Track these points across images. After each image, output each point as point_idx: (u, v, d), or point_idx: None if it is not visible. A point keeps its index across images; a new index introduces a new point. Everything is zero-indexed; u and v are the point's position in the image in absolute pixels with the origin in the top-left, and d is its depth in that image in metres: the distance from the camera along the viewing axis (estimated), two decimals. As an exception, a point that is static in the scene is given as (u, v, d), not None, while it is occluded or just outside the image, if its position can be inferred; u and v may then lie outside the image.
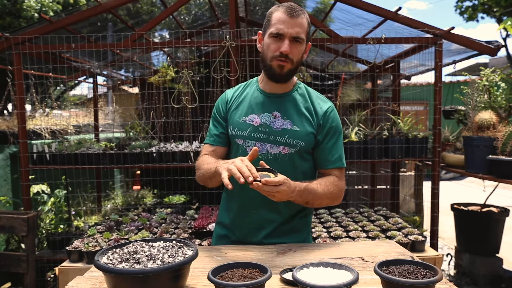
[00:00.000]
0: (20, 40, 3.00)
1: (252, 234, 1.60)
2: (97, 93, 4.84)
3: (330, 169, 1.59)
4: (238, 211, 1.62)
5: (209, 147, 1.64)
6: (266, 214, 1.58)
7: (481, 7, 12.97)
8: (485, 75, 3.28)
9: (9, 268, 2.95)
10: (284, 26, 1.45)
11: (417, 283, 0.98)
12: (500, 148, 2.79)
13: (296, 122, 1.56)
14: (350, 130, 3.22)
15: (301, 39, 1.48)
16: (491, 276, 3.69)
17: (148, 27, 3.19)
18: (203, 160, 1.58)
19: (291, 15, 1.46)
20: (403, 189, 5.34)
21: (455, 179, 10.06)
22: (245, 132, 1.56)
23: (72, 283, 1.22)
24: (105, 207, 4.19)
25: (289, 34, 1.46)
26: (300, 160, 1.57)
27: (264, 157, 1.53)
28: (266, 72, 1.57)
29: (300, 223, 1.66)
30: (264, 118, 1.56)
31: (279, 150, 1.54)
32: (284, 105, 1.58)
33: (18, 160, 3.17)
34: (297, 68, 1.57)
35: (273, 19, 1.49)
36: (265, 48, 1.53)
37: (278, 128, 1.55)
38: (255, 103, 1.60)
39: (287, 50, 1.46)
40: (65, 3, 8.34)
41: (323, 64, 5.58)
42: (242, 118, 1.58)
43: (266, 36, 1.51)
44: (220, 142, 1.63)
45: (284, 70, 1.51)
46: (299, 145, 1.54)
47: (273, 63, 1.50)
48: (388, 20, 3.18)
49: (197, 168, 1.61)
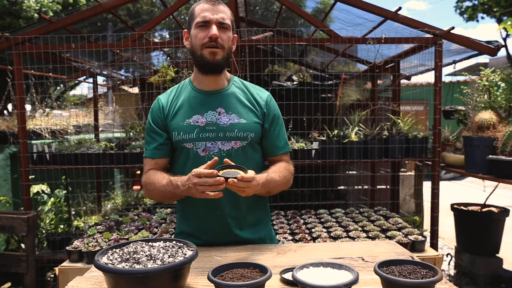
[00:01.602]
0: (20, 40, 3.00)
1: (221, 234, 1.57)
2: (97, 93, 4.85)
3: (280, 155, 1.63)
4: (201, 215, 1.57)
5: (150, 161, 1.58)
6: (230, 212, 1.56)
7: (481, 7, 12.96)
8: (485, 75, 3.28)
9: (9, 268, 2.95)
10: (209, 13, 1.47)
11: (417, 283, 0.98)
12: (500, 148, 2.79)
13: (242, 115, 1.55)
14: (350, 130, 3.22)
15: (227, 24, 1.50)
16: (491, 276, 3.69)
17: (148, 27, 3.19)
18: (151, 178, 1.52)
19: (212, 3, 1.49)
20: (403, 189, 5.34)
21: (455, 179, 10.06)
22: (192, 135, 1.52)
23: (72, 283, 1.22)
24: (105, 207, 4.19)
25: (215, 20, 1.47)
26: (252, 152, 1.57)
27: (217, 155, 1.51)
28: (198, 63, 1.53)
29: (262, 213, 1.68)
30: (209, 116, 1.54)
31: (231, 145, 1.53)
32: (225, 100, 1.57)
33: (18, 160, 3.16)
34: (229, 58, 1.56)
35: (196, 11, 1.50)
36: (193, 40, 1.51)
37: (226, 123, 1.53)
38: (196, 103, 1.56)
39: (216, 34, 1.46)
40: (65, 3, 8.34)
41: (323, 64, 5.58)
42: (186, 121, 1.53)
43: (192, 28, 1.51)
44: (161, 154, 1.57)
45: (216, 57, 1.49)
46: (250, 137, 1.54)
47: (204, 51, 1.48)
48: (388, 20, 3.18)
49: (147, 185, 1.54)
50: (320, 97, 3.90)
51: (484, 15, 13.33)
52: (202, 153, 1.52)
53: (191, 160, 1.53)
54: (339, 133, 3.24)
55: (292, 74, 5.94)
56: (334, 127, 3.48)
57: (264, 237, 1.67)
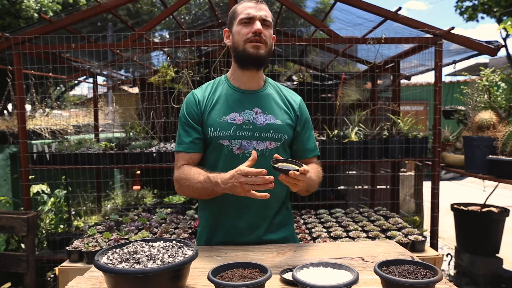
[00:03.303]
0: (20, 40, 3.00)
1: (247, 232, 1.57)
2: (97, 93, 4.85)
3: (310, 158, 1.66)
4: (230, 212, 1.56)
5: (185, 155, 1.55)
6: (260, 211, 1.55)
7: (481, 7, 12.97)
8: (485, 75, 3.28)
9: (9, 268, 2.94)
10: (253, 10, 1.50)
11: (417, 283, 0.98)
12: (500, 148, 2.79)
13: (278, 116, 1.56)
14: (350, 130, 3.22)
15: (269, 22, 1.53)
16: (491, 276, 3.69)
17: (148, 27, 3.19)
18: (186, 174, 1.50)
19: (256, 2, 1.53)
20: (403, 189, 5.34)
21: (455, 179, 10.06)
22: (229, 132, 1.51)
23: (72, 283, 1.22)
24: (105, 207, 4.19)
25: (258, 16, 1.50)
26: (284, 154, 1.58)
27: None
28: (240, 58, 1.53)
29: (286, 215, 1.68)
30: (246, 115, 1.54)
31: (265, 145, 1.53)
32: (262, 101, 1.58)
33: (18, 160, 3.16)
34: (270, 55, 1.57)
35: (239, 9, 1.53)
36: (236, 36, 1.53)
37: (262, 124, 1.53)
38: (233, 101, 1.55)
39: (260, 28, 1.48)
40: (65, 3, 8.34)
41: (323, 64, 5.58)
42: (223, 118, 1.53)
43: (235, 25, 1.53)
44: (195, 149, 1.55)
45: (260, 51, 1.50)
46: (283, 139, 1.56)
47: (246, 45, 1.50)
48: (388, 20, 3.18)
49: (181, 180, 1.51)
50: (320, 97, 3.89)
51: (484, 15, 13.34)
52: (237, 151, 1.52)
53: (225, 157, 1.52)
54: (339, 133, 3.24)
55: (292, 74, 5.95)
56: (334, 127, 3.48)
57: (288, 237, 1.66)
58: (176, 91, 3.32)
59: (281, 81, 5.49)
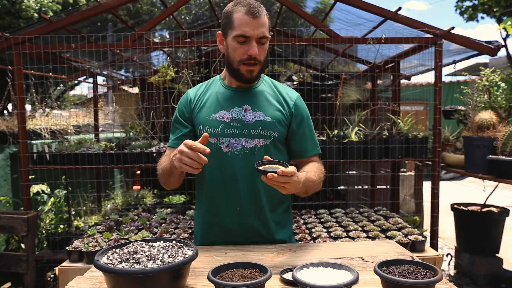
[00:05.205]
0: (20, 40, 3.00)
1: (237, 234, 1.57)
2: (97, 93, 4.85)
3: (310, 157, 1.62)
4: (220, 210, 1.56)
5: (171, 150, 1.55)
6: (251, 210, 1.54)
7: (481, 7, 12.96)
8: (485, 75, 3.28)
9: (9, 268, 2.95)
10: (249, 29, 1.42)
11: (417, 283, 0.98)
12: (500, 148, 2.79)
13: (268, 113, 1.54)
14: (350, 130, 3.22)
15: (266, 38, 1.47)
16: (491, 276, 3.69)
17: (148, 27, 3.19)
18: (160, 163, 1.55)
19: (254, 16, 1.42)
20: (403, 189, 5.34)
21: (455, 179, 10.06)
22: (217, 130, 1.51)
23: (72, 283, 1.22)
24: (105, 207, 4.19)
25: (255, 36, 1.43)
26: (275, 151, 1.55)
27: (240, 152, 1.51)
28: (233, 75, 1.53)
29: (284, 217, 1.65)
30: (235, 112, 1.53)
31: (254, 143, 1.51)
32: (253, 97, 1.56)
33: (18, 160, 3.17)
34: (264, 67, 1.56)
35: (235, 20, 1.44)
36: (231, 51, 1.48)
37: (251, 121, 1.52)
38: (223, 99, 1.55)
39: (256, 52, 1.44)
40: (65, 3, 8.34)
41: (323, 64, 5.58)
42: (212, 116, 1.53)
43: (230, 38, 1.47)
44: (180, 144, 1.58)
45: (253, 74, 1.50)
46: (273, 136, 1.53)
47: (241, 67, 1.48)
48: (388, 20, 3.18)
49: (158, 171, 1.56)
50: (320, 97, 3.89)
51: (484, 15, 13.33)
52: (225, 149, 1.51)
53: (213, 155, 1.50)
54: (339, 133, 3.24)
55: (292, 74, 5.95)
56: (334, 127, 3.48)
57: (286, 239, 1.65)
58: (176, 91, 3.32)
59: (281, 81, 5.49)
